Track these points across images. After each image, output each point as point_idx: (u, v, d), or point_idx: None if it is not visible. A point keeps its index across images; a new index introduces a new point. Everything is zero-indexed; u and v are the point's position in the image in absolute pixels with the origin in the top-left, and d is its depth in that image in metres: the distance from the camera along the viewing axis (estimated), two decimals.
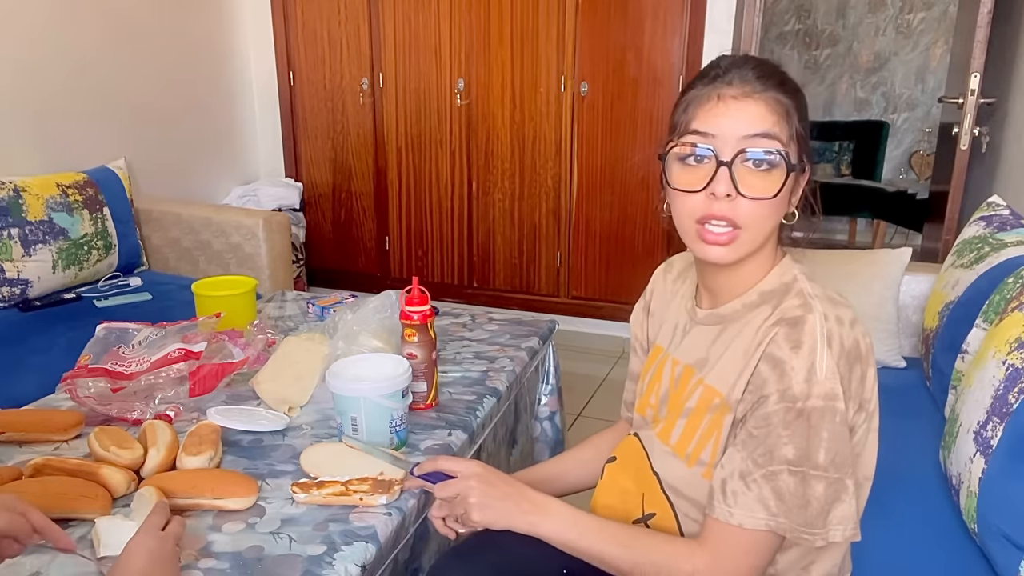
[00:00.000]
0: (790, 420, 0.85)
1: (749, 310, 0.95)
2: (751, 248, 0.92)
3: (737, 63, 0.91)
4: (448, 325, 1.90)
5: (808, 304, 0.89)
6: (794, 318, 0.88)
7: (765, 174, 0.88)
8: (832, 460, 0.84)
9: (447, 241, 3.67)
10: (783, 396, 0.85)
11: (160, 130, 3.26)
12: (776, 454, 0.85)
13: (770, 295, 0.94)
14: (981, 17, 2.69)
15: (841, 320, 0.88)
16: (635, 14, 3.14)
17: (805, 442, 0.84)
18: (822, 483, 0.85)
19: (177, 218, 2.93)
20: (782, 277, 0.95)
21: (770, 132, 0.87)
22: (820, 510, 0.85)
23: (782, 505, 0.85)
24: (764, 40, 5.39)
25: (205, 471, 1.20)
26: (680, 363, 1.03)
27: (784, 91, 0.90)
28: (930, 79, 5.34)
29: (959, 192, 2.92)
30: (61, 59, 2.77)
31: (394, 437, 1.29)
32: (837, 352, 0.85)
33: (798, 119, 0.90)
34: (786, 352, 0.86)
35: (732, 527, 0.87)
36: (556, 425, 1.93)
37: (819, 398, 0.84)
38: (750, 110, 0.88)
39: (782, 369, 0.86)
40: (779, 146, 0.87)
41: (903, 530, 1.36)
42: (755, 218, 0.89)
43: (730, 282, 0.97)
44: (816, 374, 0.84)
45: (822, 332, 0.86)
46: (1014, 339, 1.30)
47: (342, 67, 3.63)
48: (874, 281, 2.05)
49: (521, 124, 3.40)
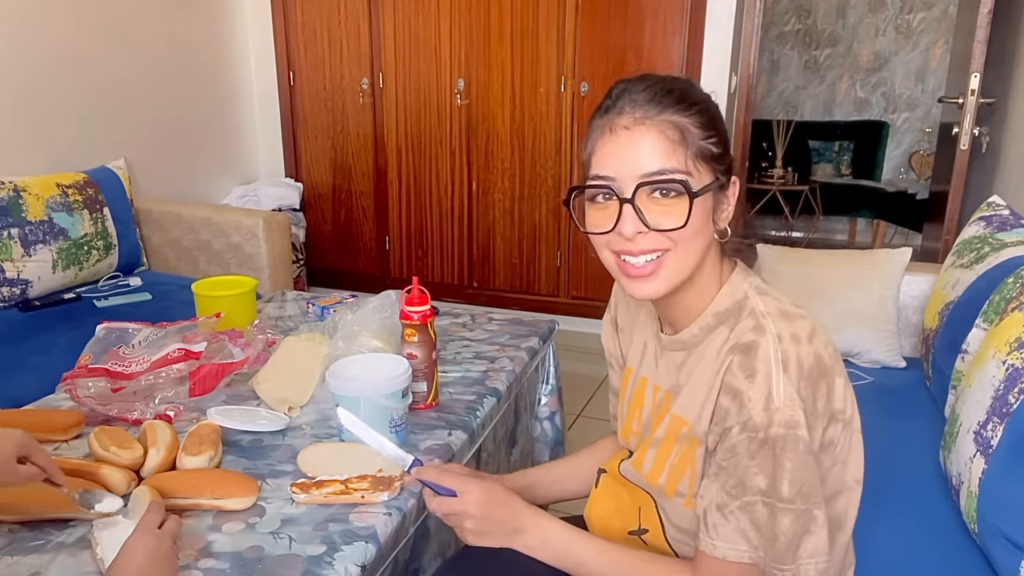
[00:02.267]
0: (755, 450, 0.82)
1: (707, 333, 0.91)
2: (680, 276, 0.88)
3: (629, 87, 0.87)
4: (448, 325, 1.90)
5: (760, 326, 0.85)
6: (746, 344, 0.84)
7: (673, 201, 0.84)
8: (798, 491, 0.82)
9: (447, 241, 3.67)
10: (744, 427, 0.82)
11: (160, 130, 3.26)
12: (748, 485, 0.83)
13: (725, 315, 0.90)
14: (981, 17, 2.70)
15: (797, 337, 0.84)
16: (635, 14, 3.14)
17: (772, 472, 0.82)
18: (788, 516, 0.82)
19: (177, 218, 2.93)
20: (733, 295, 0.91)
21: (665, 162, 0.84)
22: (788, 544, 0.83)
23: (760, 537, 0.84)
24: (764, 40, 5.40)
25: (205, 471, 1.19)
26: (661, 388, 1.00)
27: (681, 108, 0.85)
28: (930, 79, 5.34)
29: (959, 192, 2.92)
30: (61, 59, 2.77)
31: (394, 437, 1.28)
32: (795, 375, 0.82)
33: (702, 135, 0.85)
34: (742, 381, 0.83)
35: (717, 560, 0.86)
36: (556, 425, 1.93)
37: (780, 426, 0.81)
38: (642, 141, 0.84)
39: (741, 400, 0.83)
40: (678, 175, 0.84)
41: (903, 530, 1.36)
42: (680, 245, 0.86)
43: (682, 307, 0.93)
44: (774, 402, 0.81)
45: (776, 357, 0.82)
46: (1014, 339, 1.30)
47: (342, 67, 3.63)
48: (874, 281, 2.05)
49: (521, 124, 3.40)
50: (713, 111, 0.88)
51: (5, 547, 1.04)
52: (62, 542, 1.05)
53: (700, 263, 0.89)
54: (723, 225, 0.90)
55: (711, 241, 0.89)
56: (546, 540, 0.94)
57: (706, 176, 0.86)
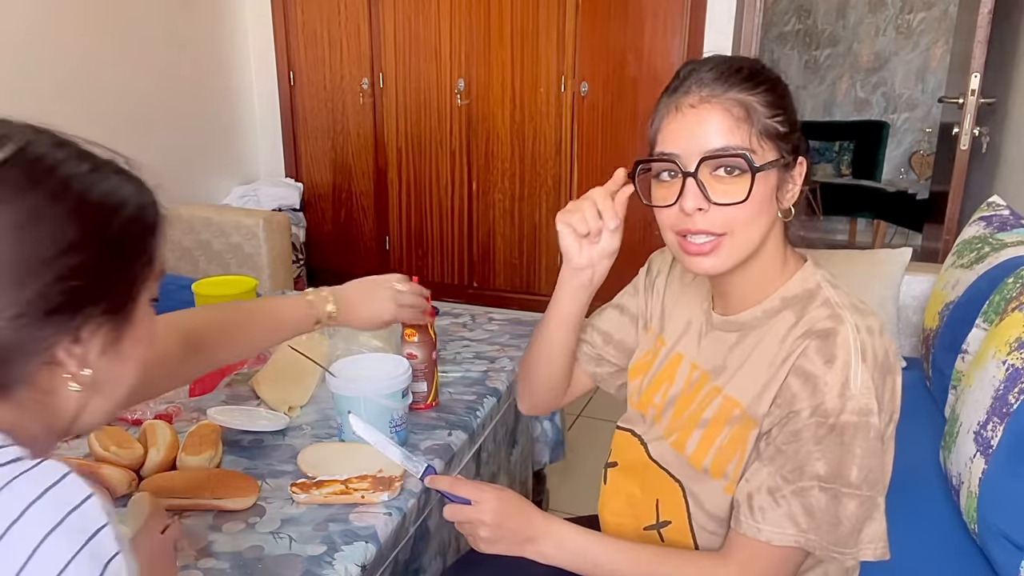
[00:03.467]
0: (822, 436, 0.82)
1: (770, 316, 0.92)
2: (741, 254, 0.89)
3: (697, 67, 0.89)
4: (448, 325, 1.90)
5: (838, 315, 0.86)
6: (825, 330, 0.85)
7: (736, 179, 0.85)
8: (865, 477, 0.83)
9: (447, 241, 3.67)
10: (815, 411, 0.83)
11: (160, 130, 3.27)
12: (807, 470, 0.83)
13: (792, 301, 0.91)
14: (981, 17, 2.70)
15: (872, 330, 0.86)
16: (635, 14, 3.14)
17: (837, 458, 0.82)
18: (854, 501, 0.83)
19: (177, 218, 2.93)
20: (805, 283, 0.92)
21: (729, 139, 0.85)
22: (852, 528, 0.84)
23: (812, 522, 0.84)
24: (764, 40, 5.39)
25: (205, 471, 1.20)
26: (699, 368, 1.00)
27: (748, 87, 0.86)
28: (930, 79, 5.34)
29: (959, 192, 2.92)
30: (61, 59, 2.77)
31: (394, 437, 1.28)
32: (872, 365, 0.83)
33: (768, 113, 0.86)
34: (819, 366, 0.83)
35: (760, 543, 0.86)
36: (556, 425, 1.93)
37: (853, 413, 0.82)
38: (707, 118, 0.86)
39: (815, 384, 0.83)
40: (740, 150, 0.85)
41: (903, 530, 1.35)
42: (736, 224, 0.87)
43: (742, 288, 0.94)
44: (850, 388, 0.82)
45: (855, 345, 0.83)
46: (1014, 339, 1.30)
47: (342, 67, 3.63)
48: (874, 281, 2.05)
49: (521, 124, 3.40)
50: (781, 90, 0.89)
51: None
52: None
53: (763, 242, 0.90)
54: (788, 205, 0.90)
55: (774, 220, 0.90)
56: (560, 545, 0.93)
57: (771, 153, 0.87)
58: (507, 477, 1.70)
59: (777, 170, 0.88)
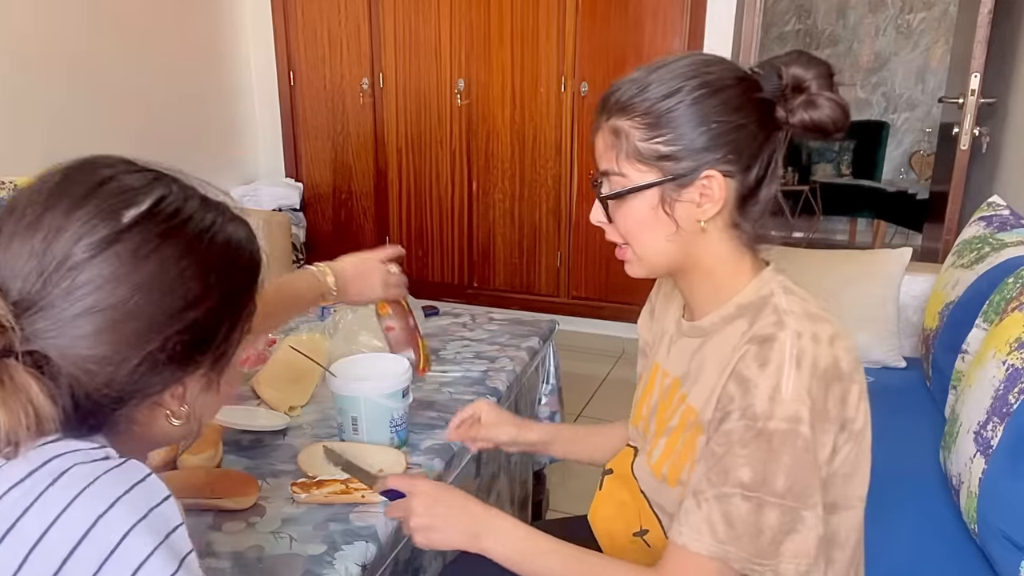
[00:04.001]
0: (748, 439, 0.80)
1: (727, 323, 0.91)
2: (653, 262, 0.93)
3: (607, 92, 0.93)
4: (448, 325, 1.90)
5: (781, 321, 0.84)
6: (764, 336, 0.83)
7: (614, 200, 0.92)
8: (790, 488, 0.79)
9: (447, 241, 3.67)
10: (744, 414, 0.81)
11: (160, 130, 3.26)
12: (731, 475, 0.81)
13: (747, 308, 0.90)
14: (981, 17, 2.70)
15: (818, 338, 0.83)
16: (635, 14, 3.14)
17: (763, 465, 0.79)
18: (777, 511, 0.79)
19: None
20: (760, 290, 0.90)
21: (603, 163, 0.91)
22: (772, 540, 0.80)
23: (731, 532, 0.80)
24: (764, 40, 5.39)
25: (205, 471, 1.20)
26: (669, 375, 1.00)
27: (621, 115, 0.89)
28: (930, 79, 5.34)
29: (959, 192, 2.92)
30: (61, 59, 2.77)
31: (394, 437, 1.29)
32: (808, 372, 0.80)
33: (645, 136, 0.87)
34: (753, 371, 0.82)
35: (679, 547, 0.84)
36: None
37: (782, 420, 0.79)
38: (595, 143, 0.93)
39: (746, 387, 0.82)
40: (608, 175, 0.91)
41: (903, 530, 1.36)
42: (629, 237, 0.92)
43: (697, 294, 0.95)
44: (781, 394, 0.79)
45: (791, 352, 0.81)
46: (1014, 339, 1.30)
47: (342, 67, 3.63)
48: (874, 281, 2.05)
49: (521, 124, 3.40)
50: (666, 110, 0.87)
51: None
52: None
53: (686, 252, 0.91)
54: (704, 218, 0.88)
55: (681, 234, 0.89)
56: (503, 542, 0.91)
57: (650, 175, 0.88)
58: (507, 477, 1.70)
59: (659, 189, 0.88)
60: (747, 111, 0.87)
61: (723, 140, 0.86)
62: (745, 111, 0.87)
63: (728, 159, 0.86)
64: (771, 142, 0.89)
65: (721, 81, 0.87)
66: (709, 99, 0.86)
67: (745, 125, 0.86)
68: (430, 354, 1.50)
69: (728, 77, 0.87)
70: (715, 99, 0.86)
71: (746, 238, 0.92)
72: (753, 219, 0.91)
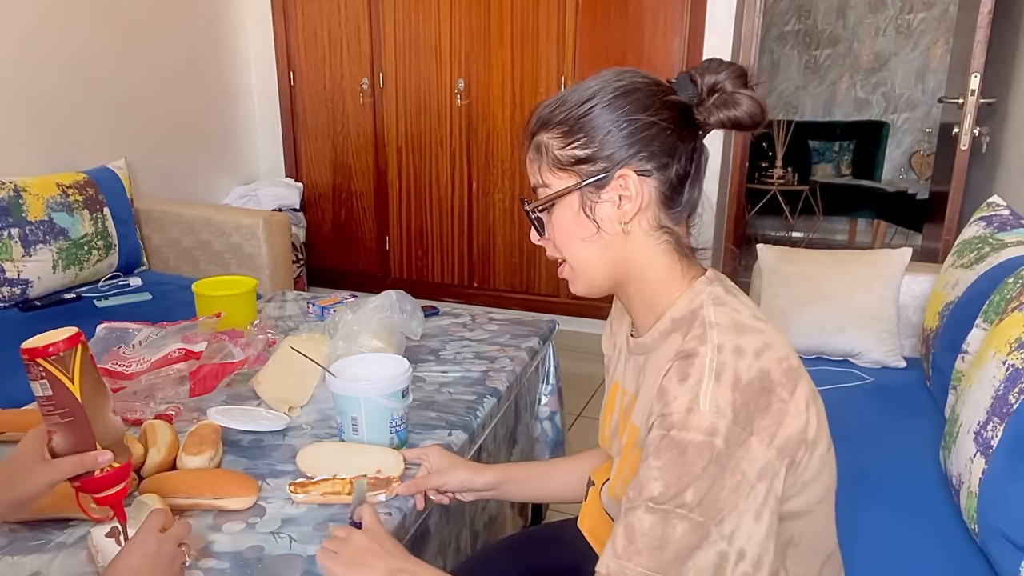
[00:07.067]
0: (663, 449, 0.78)
1: (664, 338, 0.90)
2: (590, 277, 0.93)
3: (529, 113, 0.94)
4: (448, 325, 1.90)
5: (704, 335, 0.83)
6: (687, 351, 0.82)
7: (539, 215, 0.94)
8: (700, 502, 0.75)
9: (447, 241, 3.67)
10: (661, 423, 0.80)
11: (160, 130, 3.27)
12: (644, 489, 0.78)
13: (680, 322, 0.88)
14: (981, 17, 2.70)
15: (741, 350, 0.80)
16: (635, 14, 3.14)
17: (676, 477, 0.76)
18: (685, 523, 0.75)
19: (177, 218, 2.93)
20: (691, 303, 0.89)
21: (532, 181, 0.93)
22: (677, 555, 0.75)
23: (631, 546, 0.77)
24: (764, 40, 5.40)
25: (205, 471, 1.20)
26: (628, 393, 0.99)
27: (542, 132, 0.90)
28: (930, 79, 5.34)
29: (959, 192, 2.92)
30: (61, 59, 2.77)
31: (394, 437, 1.29)
32: (729, 385, 0.78)
33: (562, 144, 0.89)
34: (673, 384, 0.81)
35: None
36: (556, 425, 1.93)
37: (698, 432, 0.76)
38: (526, 165, 0.95)
39: (665, 400, 0.80)
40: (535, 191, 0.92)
41: (903, 530, 1.36)
42: (563, 251, 0.93)
43: (635, 309, 0.95)
44: (698, 406, 0.77)
45: (711, 366, 0.79)
46: (1014, 339, 1.30)
47: (342, 67, 3.63)
48: (874, 281, 2.05)
49: (521, 124, 3.39)
50: (580, 116, 0.88)
51: (5, 547, 1.04)
52: (62, 542, 1.05)
53: (619, 262, 0.90)
54: (625, 220, 0.88)
55: (604, 239, 0.89)
56: None
57: (569, 180, 0.89)
58: None
59: (579, 193, 0.88)
60: (658, 109, 0.87)
61: (635, 139, 0.87)
62: (656, 109, 0.87)
63: (642, 157, 0.87)
64: (687, 141, 0.89)
65: (632, 84, 0.88)
66: (620, 100, 0.87)
67: (656, 123, 0.87)
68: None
69: (640, 81, 0.89)
70: (625, 100, 0.87)
71: (675, 243, 0.91)
72: (680, 221, 0.91)
